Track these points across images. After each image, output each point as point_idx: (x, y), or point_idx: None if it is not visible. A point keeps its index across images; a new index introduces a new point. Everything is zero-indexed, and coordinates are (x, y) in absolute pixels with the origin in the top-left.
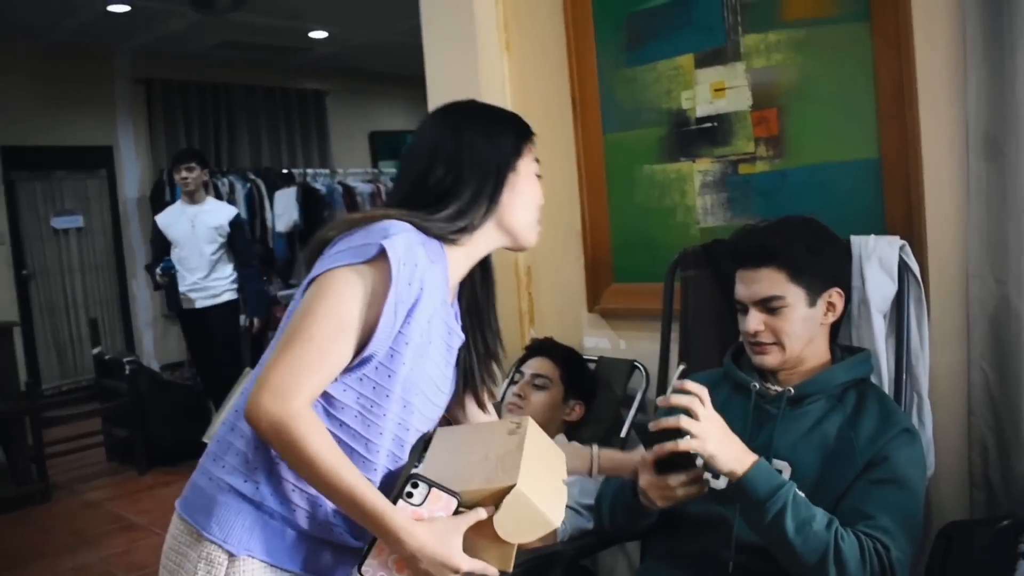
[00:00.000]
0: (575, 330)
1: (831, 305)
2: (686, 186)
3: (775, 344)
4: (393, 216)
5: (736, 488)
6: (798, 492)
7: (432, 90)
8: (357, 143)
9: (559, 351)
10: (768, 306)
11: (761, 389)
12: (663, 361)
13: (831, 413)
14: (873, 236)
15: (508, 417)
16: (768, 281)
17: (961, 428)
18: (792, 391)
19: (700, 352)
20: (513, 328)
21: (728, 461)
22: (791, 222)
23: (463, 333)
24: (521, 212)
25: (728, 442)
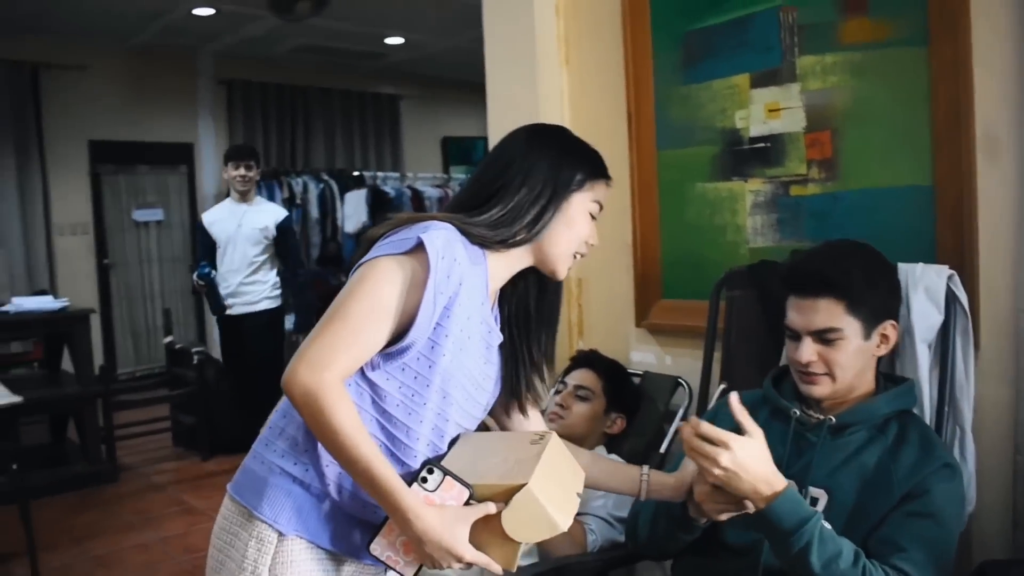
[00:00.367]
0: (623, 344)
1: (885, 337)
2: (737, 205)
3: (826, 375)
4: (438, 218)
5: (760, 518)
6: (825, 525)
7: (492, 102)
8: (429, 148)
9: (603, 364)
10: (824, 337)
11: (802, 416)
12: (704, 379)
13: (871, 443)
14: (921, 264)
15: (548, 426)
16: (826, 312)
17: (1007, 465)
18: (833, 420)
19: (742, 372)
20: (562, 339)
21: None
22: (848, 249)
23: (511, 340)
24: (561, 243)
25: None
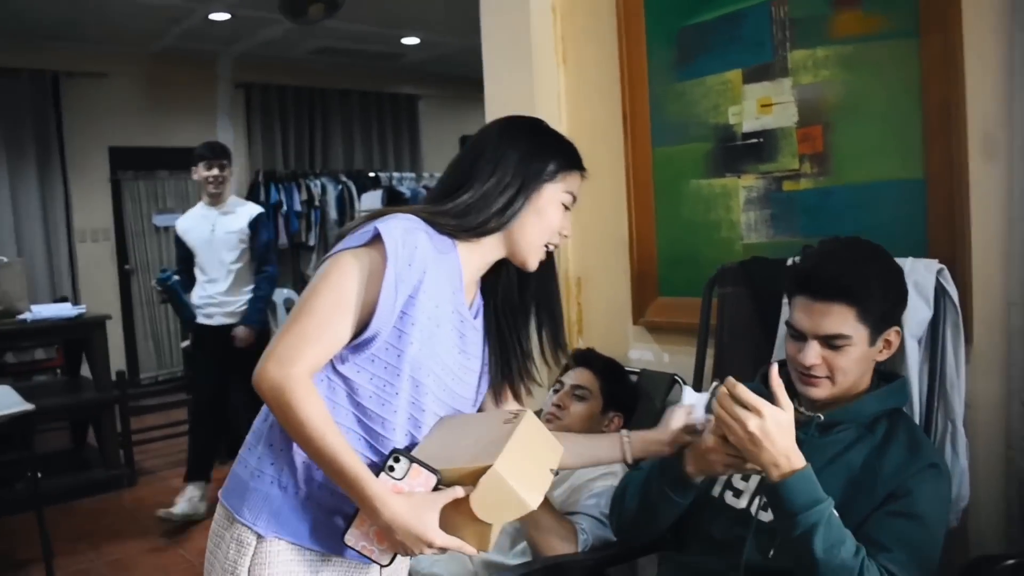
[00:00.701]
0: (621, 342)
1: (887, 343)
2: (731, 202)
3: (827, 378)
4: (403, 211)
5: (772, 491)
6: (834, 512)
7: (490, 102)
8: (447, 147)
9: (600, 362)
10: (831, 343)
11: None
12: (697, 376)
13: (859, 442)
14: (910, 259)
15: (547, 427)
16: (838, 318)
17: (999, 460)
18: (822, 418)
19: (734, 369)
20: None
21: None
22: (866, 254)
23: (499, 331)
24: (531, 233)
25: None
